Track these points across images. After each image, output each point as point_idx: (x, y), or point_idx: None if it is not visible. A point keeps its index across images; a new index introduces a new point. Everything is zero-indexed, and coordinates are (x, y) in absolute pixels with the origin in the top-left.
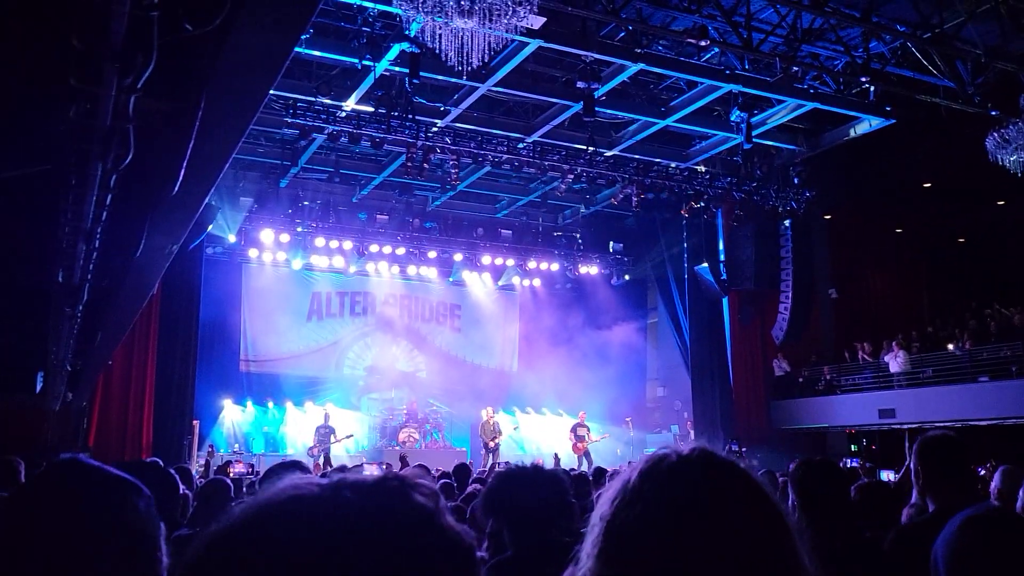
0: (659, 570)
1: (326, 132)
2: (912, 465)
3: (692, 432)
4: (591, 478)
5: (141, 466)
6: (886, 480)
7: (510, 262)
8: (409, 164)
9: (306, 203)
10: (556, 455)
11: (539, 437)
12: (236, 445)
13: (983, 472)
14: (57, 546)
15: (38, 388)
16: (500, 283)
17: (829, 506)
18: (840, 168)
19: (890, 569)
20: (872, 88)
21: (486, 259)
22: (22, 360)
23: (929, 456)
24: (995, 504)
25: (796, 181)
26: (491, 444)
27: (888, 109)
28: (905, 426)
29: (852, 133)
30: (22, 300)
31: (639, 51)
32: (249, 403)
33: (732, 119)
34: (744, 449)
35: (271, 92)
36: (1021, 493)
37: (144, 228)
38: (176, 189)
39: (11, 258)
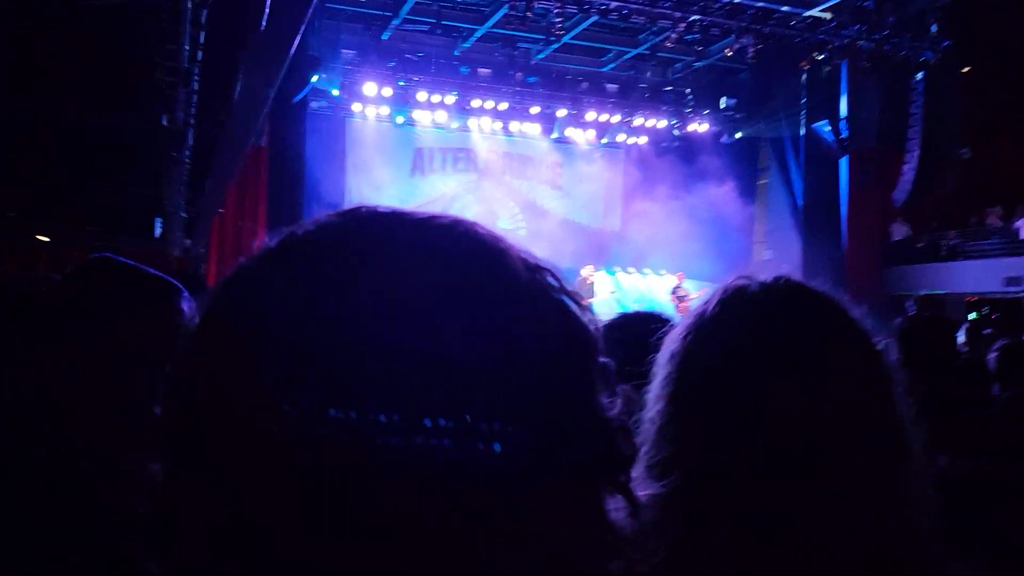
0: (737, 414)
1: None
2: None
3: None
4: None
5: (184, 276)
6: None
7: (615, 119)
8: (512, 13)
9: (408, 56)
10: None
11: (641, 296)
12: None
13: None
14: (96, 345)
15: (157, 233)
16: (604, 141)
17: (932, 361)
18: (984, 16)
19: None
20: None
21: (590, 115)
22: (140, 206)
23: None
24: None
25: (933, 29)
26: (585, 304)
27: None
28: None
29: None
30: (133, 146)
31: None
32: None
33: None
34: None
35: None
36: None
37: (238, 68)
38: (263, 24)
39: (116, 101)
